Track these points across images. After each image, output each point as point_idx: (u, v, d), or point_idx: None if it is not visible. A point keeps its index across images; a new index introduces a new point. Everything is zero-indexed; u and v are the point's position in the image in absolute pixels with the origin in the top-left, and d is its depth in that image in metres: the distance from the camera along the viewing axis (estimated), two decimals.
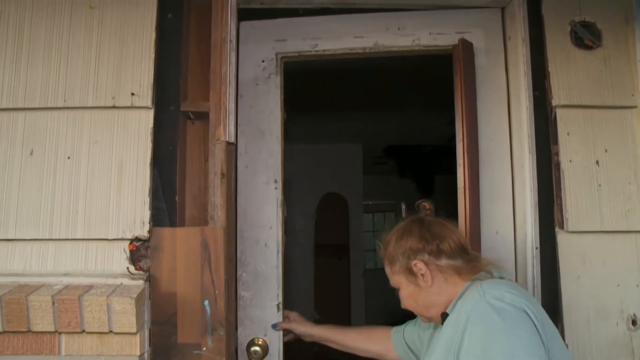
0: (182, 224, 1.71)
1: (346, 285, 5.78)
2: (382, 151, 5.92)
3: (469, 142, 1.86)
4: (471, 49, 1.92)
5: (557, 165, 1.79)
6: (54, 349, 1.44)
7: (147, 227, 1.56)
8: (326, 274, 5.55)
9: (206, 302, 1.53)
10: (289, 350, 1.99)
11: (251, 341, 1.91)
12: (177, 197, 1.70)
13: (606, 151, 1.79)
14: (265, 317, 1.93)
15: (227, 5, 1.66)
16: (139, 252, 1.56)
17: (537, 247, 1.77)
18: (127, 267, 1.55)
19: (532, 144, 1.81)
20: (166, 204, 1.68)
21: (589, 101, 1.81)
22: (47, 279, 1.53)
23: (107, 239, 1.56)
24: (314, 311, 5.05)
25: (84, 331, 1.43)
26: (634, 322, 1.72)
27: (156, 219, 1.61)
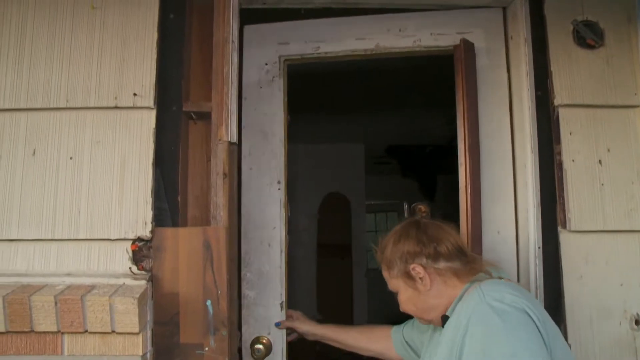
0: (185, 224, 1.71)
1: (348, 285, 5.77)
2: (384, 151, 5.92)
3: (470, 142, 1.86)
4: (472, 49, 1.92)
5: (560, 164, 1.78)
6: (56, 349, 1.44)
7: (149, 227, 1.56)
8: (329, 273, 5.55)
9: (208, 302, 1.53)
10: (292, 349, 2.00)
11: (256, 339, 1.93)
12: (179, 197, 1.70)
13: (609, 151, 1.79)
14: (269, 316, 1.95)
15: (229, 5, 1.66)
16: (142, 252, 1.56)
17: (539, 247, 1.77)
18: (130, 267, 1.55)
19: (534, 144, 1.81)
20: (168, 204, 1.68)
21: (591, 100, 1.80)
22: (50, 279, 1.53)
23: (110, 239, 1.56)
24: (316, 311, 5.04)
25: (86, 331, 1.43)
26: (637, 322, 1.71)
27: (158, 219, 1.61)
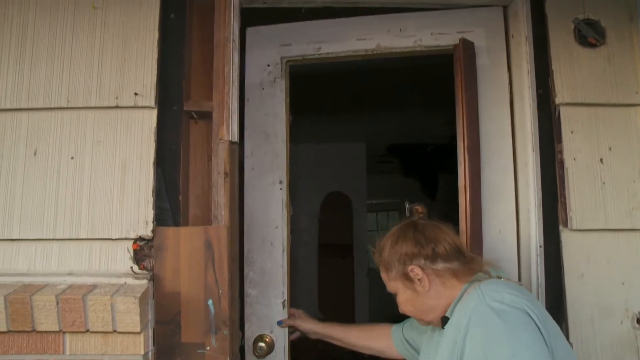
0: (186, 223, 1.71)
1: (350, 284, 5.77)
2: (385, 150, 5.91)
3: (469, 141, 1.86)
4: (472, 49, 1.92)
5: (561, 163, 1.78)
6: (58, 349, 1.44)
7: (150, 226, 1.56)
8: (330, 273, 5.54)
9: (210, 302, 1.53)
10: (294, 347, 2.01)
11: (259, 337, 1.94)
12: (180, 197, 1.70)
13: (610, 149, 1.78)
14: (271, 314, 1.97)
15: (230, 4, 1.66)
16: (143, 251, 1.56)
17: (540, 246, 1.77)
18: (131, 267, 1.55)
19: (535, 143, 1.81)
20: (170, 203, 1.68)
21: (593, 99, 1.80)
22: (51, 279, 1.53)
23: (111, 239, 1.56)
24: (318, 311, 5.04)
25: (88, 331, 1.43)
26: (639, 321, 1.71)
27: (160, 219, 1.61)
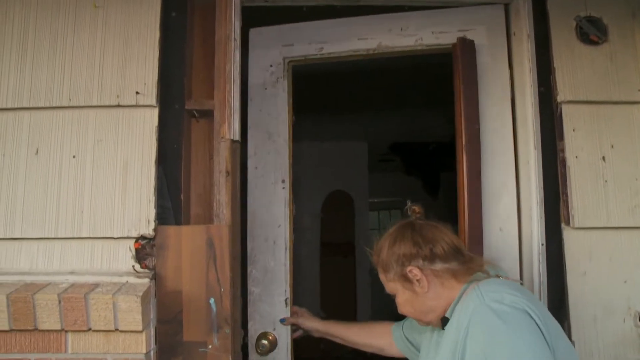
0: (188, 222, 1.71)
1: (352, 283, 5.77)
2: (387, 149, 5.90)
3: (467, 139, 1.86)
4: (471, 47, 1.92)
5: (563, 161, 1.78)
6: (60, 347, 1.44)
7: (152, 225, 1.56)
8: (332, 272, 5.54)
9: (212, 300, 1.54)
10: (297, 345, 2.01)
11: (262, 334, 1.95)
12: (182, 196, 1.70)
13: (612, 147, 1.78)
14: (273, 312, 1.97)
15: (231, 2, 1.66)
16: (145, 250, 1.56)
17: (542, 244, 1.77)
18: (133, 266, 1.55)
19: (537, 140, 1.80)
20: (171, 202, 1.68)
21: (595, 97, 1.80)
22: (53, 278, 1.53)
23: (113, 238, 1.56)
24: (320, 309, 5.05)
25: (90, 329, 1.43)
26: None
27: (161, 218, 1.61)
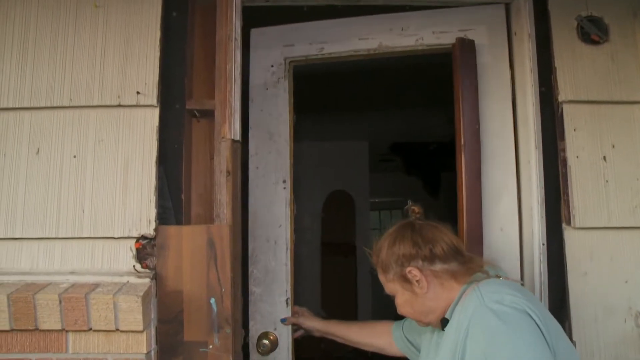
0: (188, 222, 1.71)
1: (353, 282, 5.76)
2: (388, 149, 5.90)
3: (467, 139, 1.85)
4: (470, 47, 1.92)
5: (564, 161, 1.78)
6: (61, 347, 1.44)
7: (153, 225, 1.56)
8: (333, 271, 5.54)
9: (212, 300, 1.54)
10: (298, 345, 2.02)
11: (263, 334, 1.95)
12: (183, 195, 1.70)
13: (613, 147, 1.78)
14: (274, 312, 1.98)
15: (232, 3, 1.66)
16: (145, 250, 1.56)
17: (543, 244, 1.77)
18: (134, 266, 1.56)
19: (538, 140, 1.80)
20: (172, 202, 1.68)
21: (596, 97, 1.79)
22: (54, 278, 1.54)
23: (114, 238, 1.56)
24: (321, 309, 5.04)
25: (90, 329, 1.43)
26: None
27: (162, 217, 1.62)
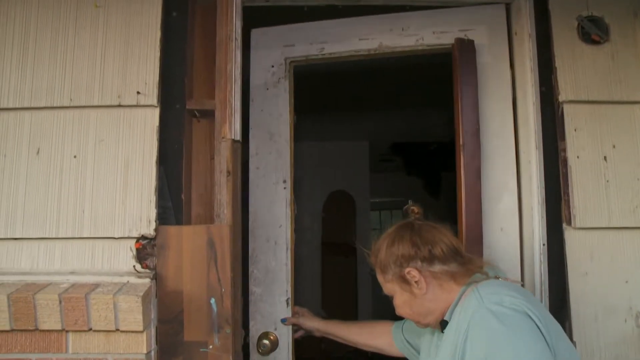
0: (189, 222, 1.71)
1: (353, 282, 5.76)
2: (388, 148, 5.90)
3: (466, 139, 1.85)
4: (470, 47, 1.91)
5: (565, 161, 1.77)
6: (61, 347, 1.44)
7: (153, 225, 1.56)
8: (333, 271, 5.54)
9: (212, 300, 1.54)
10: (298, 345, 2.02)
11: (263, 334, 1.95)
12: (183, 195, 1.70)
13: (614, 147, 1.78)
14: (275, 312, 1.98)
15: (232, 2, 1.66)
16: (145, 250, 1.56)
17: (544, 244, 1.77)
18: (134, 266, 1.55)
19: (539, 140, 1.80)
20: (172, 202, 1.68)
21: (596, 96, 1.79)
22: (54, 278, 1.54)
23: (114, 238, 1.56)
24: (321, 309, 5.04)
25: (90, 329, 1.43)
26: None
27: (162, 217, 1.62)
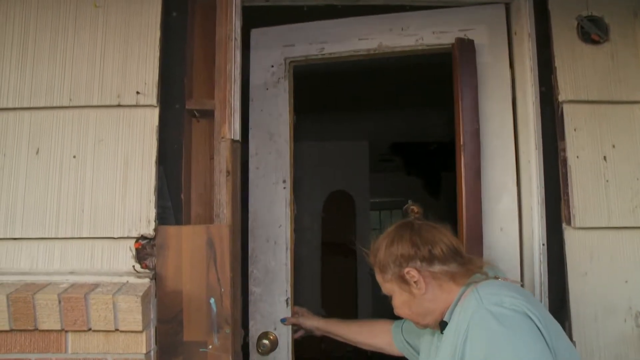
0: (188, 222, 1.71)
1: (353, 282, 5.76)
2: (388, 148, 5.90)
3: (466, 139, 1.85)
4: (470, 47, 1.92)
5: (564, 161, 1.77)
6: (60, 347, 1.44)
7: (152, 225, 1.56)
8: (333, 271, 5.54)
9: (212, 300, 1.53)
10: (298, 346, 2.02)
11: (263, 334, 1.95)
12: (182, 195, 1.70)
13: (614, 147, 1.78)
14: (274, 312, 1.98)
15: (232, 3, 1.66)
16: (145, 250, 1.56)
17: (543, 244, 1.77)
18: (133, 266, 1.55)
19: (538, 140, 1.80)
20: (172, 202, 1.68)
21: (596, 96, 1.79)
22: (53, 278, 1.53)
23: (113, 238, 1.56)
24: (321, 309, 5.04)
25: (90, 329, 1.43)
26: None
27: (162, 217, 1.61)
